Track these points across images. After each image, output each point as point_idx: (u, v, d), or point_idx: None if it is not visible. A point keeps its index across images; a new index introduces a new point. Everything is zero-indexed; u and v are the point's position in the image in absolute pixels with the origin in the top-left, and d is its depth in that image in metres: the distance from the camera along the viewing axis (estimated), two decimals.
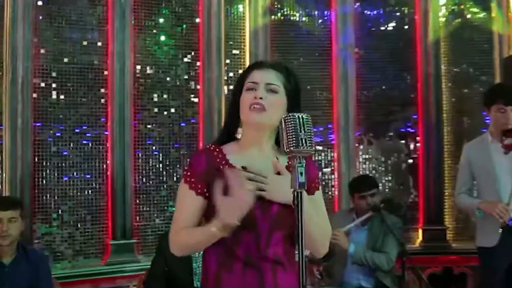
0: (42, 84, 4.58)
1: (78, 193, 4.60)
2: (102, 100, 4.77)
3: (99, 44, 4.79)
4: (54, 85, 4.62)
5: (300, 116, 1.79)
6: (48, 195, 4.51)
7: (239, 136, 2.09)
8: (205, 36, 5.08)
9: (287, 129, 1.78)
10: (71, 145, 4.64)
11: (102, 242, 4.66)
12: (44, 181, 4.52)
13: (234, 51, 5.23)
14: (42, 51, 4.58)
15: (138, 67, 4.90)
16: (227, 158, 2.01)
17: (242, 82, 2.05)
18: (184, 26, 5.10)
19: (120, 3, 4.77)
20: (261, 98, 1.97)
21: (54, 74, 4.62)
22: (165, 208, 4.89)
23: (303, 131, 1.77)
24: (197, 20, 5.10)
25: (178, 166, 4.98)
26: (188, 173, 2.01)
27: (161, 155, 4.94)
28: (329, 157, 5.39)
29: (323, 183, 5.26)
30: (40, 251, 3.67)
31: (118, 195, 4.68)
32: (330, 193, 5.30)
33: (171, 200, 4.85)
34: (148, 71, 4.95)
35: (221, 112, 5.05)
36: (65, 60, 4.67)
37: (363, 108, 5.43)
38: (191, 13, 5.11)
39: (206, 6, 5.06)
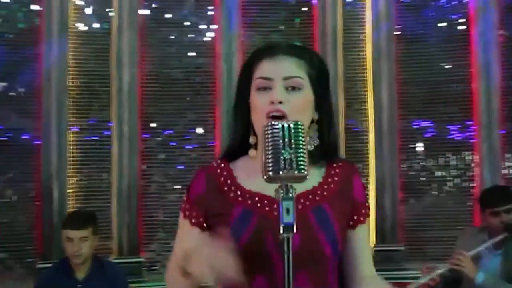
0: (148, 90, 4.50)
1: None
2: (210, 104, 4.55)
3: (207, 46, 4.59)
4: (160, 91, 4.51)
5: (284, 126, 1.23)
6: (155, 203, 4.42)
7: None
8: (320, 29, 4.62)
9: (265, 146, 1.24)
10: (179, 151, 4.50)
11: None
12: (150, 189, 4.43)
13: (353, 43, 4.69)
14: (147, 57, 4.49)
15: None
16: (234, 176, 1.51)
17: (250, 77, 1.50)
18: (297, 19, 4.70)
19: (227, 2, 4.52)
20: (280, 102, 1.42)
21: (160, 80, 4.52)
22: None
23: (287, 149, 1.21)
24: (311, 12, 4.67)
25: None
26: (185, 198, 1.56)
27: None
28: (466, 161, 4.60)
29: (459, 193, 4.51)
30: (116, 264, 3.51)
31: None
32: (467, 204, 4.52)
33: None
34: None
35: (337, 113, 4.56)
36: (171, 64, 4.54)
37: (510, 101, 4.54)
38: (305, 5, 4.69)
39: None
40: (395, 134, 4.56)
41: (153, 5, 4.55)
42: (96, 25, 4.47)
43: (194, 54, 4.59)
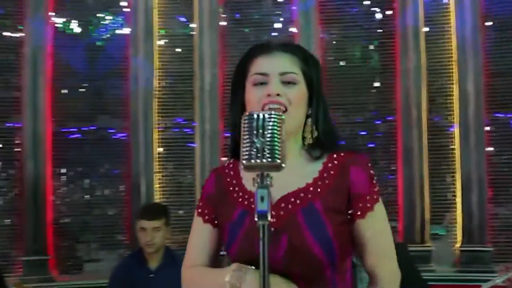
0: (229, 89, 4.63)
1: None
2: None
3: None
4: None
5: (259, 116, 1.23)
6: None
7: None
8: (400, 22, 4.50)
9: (242, 136, 1.25)
10: None
11: None
12: None
13: (436, 35, 4.52)
14: (228, 57, 4.63)
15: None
16: (240, 176, 1.52)
17: (245, 74, 1.51)
18: (379, 16, 4.61)
19: (305, 0, 4.55)
20: (278, 94, 1.44)
21: None
22: None
23: (260, 138, 1.22)
24: (391, 5, 4.56)
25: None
26: (200, 197, 1.62)
27: None
28: None
29: None
30: None
31: None
32: None
33: None
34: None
35: (420, 107, 4.42)
36: None
37: None
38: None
39: None
40: (482, 129, 4.34)
41: (232, 6, 4.68)
42: (179, 28, 4.69)
43: None
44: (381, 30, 4.60)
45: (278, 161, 1.21)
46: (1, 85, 4.59)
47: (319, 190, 1.44)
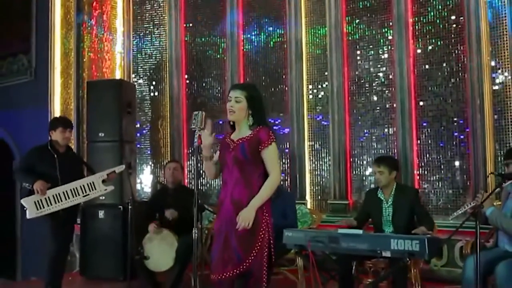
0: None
1: None
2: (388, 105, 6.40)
3: (385, 56, 6.41)
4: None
5: (195, 113, 3.55)
6: None
7: None
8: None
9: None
10: None
11: None
12: None
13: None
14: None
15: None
16: (231, 133, 3.62)
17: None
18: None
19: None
20: (232, 106, 3.49)
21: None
22: None
23: (194, 120, 3.54)
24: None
25: None
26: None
27: None
28: None
29: None
30: None
31: None
32: None
33: None
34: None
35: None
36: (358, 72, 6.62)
37: None
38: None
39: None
40: None
41: None
42: None
43: (375, 64, 6.40)
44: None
45: (198, 127, 3.54)
46: None
47: (247, 138, 3.47)
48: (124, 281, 5.80)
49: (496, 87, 5.73)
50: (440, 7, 6.13)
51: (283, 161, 7.08)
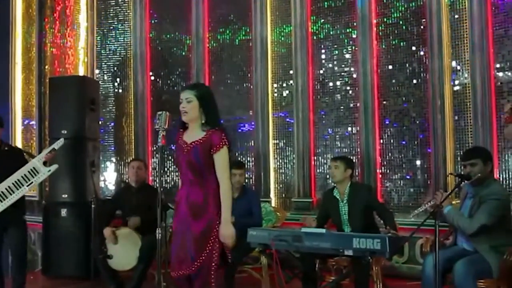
0: None
1: None
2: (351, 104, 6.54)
3: (349, 56, 6.60)
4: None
5: (159, 113, 3.66)
6: None
7: None
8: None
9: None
10: None
11: None
12: None
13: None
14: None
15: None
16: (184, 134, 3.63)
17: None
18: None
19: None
20: (184, 107, 3.52)
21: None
22: None
23: (157, 120, 3.64)
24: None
25: None
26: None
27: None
28: None
29: None
30: None
31: None
32: None
33: None
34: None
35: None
36: (322, 71, 6.74)
37: None
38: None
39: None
40: None
41: None
42: None
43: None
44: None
45: (162, 128, 3.63)
46: None
47: (200, 141, 3.47)
48: (87, 280, 5.73)
49: (456, 88, 5.87)
50: (403, 8, 6.25)
51: (248, 159, 7.12)
